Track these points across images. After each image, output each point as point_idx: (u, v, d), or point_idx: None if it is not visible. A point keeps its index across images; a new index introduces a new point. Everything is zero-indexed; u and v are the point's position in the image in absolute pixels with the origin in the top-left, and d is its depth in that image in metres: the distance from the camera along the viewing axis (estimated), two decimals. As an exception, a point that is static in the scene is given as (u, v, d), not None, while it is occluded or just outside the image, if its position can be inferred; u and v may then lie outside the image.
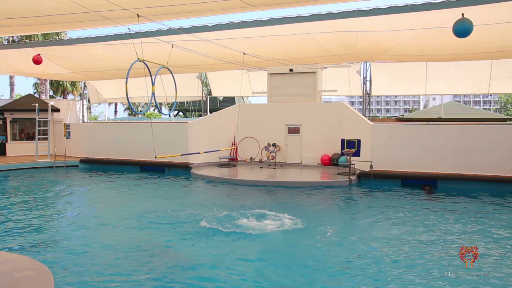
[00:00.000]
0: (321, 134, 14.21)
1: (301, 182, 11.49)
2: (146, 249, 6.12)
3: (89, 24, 9.97)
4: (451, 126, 11.95)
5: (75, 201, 10.03)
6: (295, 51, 13.07)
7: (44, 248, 6.14)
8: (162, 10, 8.36)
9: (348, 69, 18.43)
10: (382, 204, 9.11)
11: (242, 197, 10.11)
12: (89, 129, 17.16)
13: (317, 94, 14.99)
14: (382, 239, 6.53)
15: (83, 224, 7.58)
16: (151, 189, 11.21)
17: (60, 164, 15.28)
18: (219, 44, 11.31)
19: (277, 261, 5.69)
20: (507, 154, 10.68)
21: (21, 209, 8.71)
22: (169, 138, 13.85)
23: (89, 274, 5.14)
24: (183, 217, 7.94)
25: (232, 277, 5.06)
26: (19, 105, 17.40)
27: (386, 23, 9.99)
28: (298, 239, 6.63)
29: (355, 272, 5.28)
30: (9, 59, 14.99)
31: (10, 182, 12.49)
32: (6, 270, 4.18)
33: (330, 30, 10.72)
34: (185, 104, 33.33)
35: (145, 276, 5.07)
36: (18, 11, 8.51)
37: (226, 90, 22.43)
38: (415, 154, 11.54)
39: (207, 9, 8.52)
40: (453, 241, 6.45)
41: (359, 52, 12.59)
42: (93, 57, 14.15)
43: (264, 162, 14.43)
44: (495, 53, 12.03)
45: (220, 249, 6.10)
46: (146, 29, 10.80)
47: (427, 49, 11.94)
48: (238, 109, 15.28)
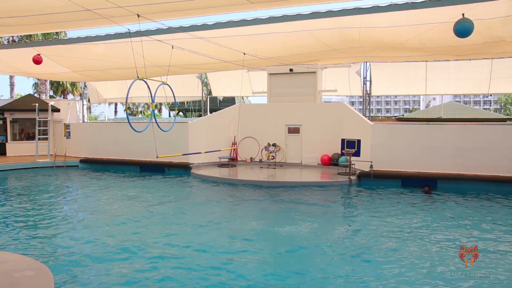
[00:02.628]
0: (321, 134, 14.21)
1: (301, 182, 11.48)
2: (146, 249, 6.11)
3: (89, 24, 9.95)
4: (451, 126, 11.94)
5: (75, 201, 10.03)
6: (295, 47, 13.04)
7: (44, 248, 6.14)
8: (161, 7, 8.34)
9: (348, 69, 18.44)
10: (382, 204, 9.11)
11: (242, 197, 10.10)
12: (89, 129, 17.16)
13: (317, 94, 15.00)
14: (382, 239, 6.53)
15: (83, 224, 7.58)
16: (151, 189, 11.20)
17: (60, 164, 15.28)
18: (219, 43, 11.30)
19: (276, 261, 5.68)
20: (507, 154, 10.67)
21: (21, 209, 8.71)
22: (169, 138, 13.79)
23: (89, 274, 5.14)
24: (183, 218, 7.94)
25: (231, 277, 5.07)
26: (19, 105, 17.40)
27: (388, 19, 9.99)
28: (298, 239, 6.63)
29: (356, 272, 5.28)
30: (9, 59, 14.97)
31: (10, 182, 12.49)
32: (6, 270, 4.18)
33: (331, 26, 10.73)
34: (185, 104, 33.33)
35: (145, 275, 5.07)
36: (18, 10, 8.50)
37: (226, 90, 22.43)
38: (415, 154, 11.54)
39: (208, 6, 8.51)
40: (453, 241, 6.45)
41: (362, 45, 12.52)
42: (93, 56, 14.13)
43: (264, 162, 14.42)
44: (496, 42, 11.91)
45: (220, 249, 6.10)
46: (146, 28, 10.79)
47: (428, 43, 11.87)
48: (238, 109, 15.27)
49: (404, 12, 9.21)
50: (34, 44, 14.03)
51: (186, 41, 11.02)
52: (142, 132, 8.18)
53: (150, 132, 9.12)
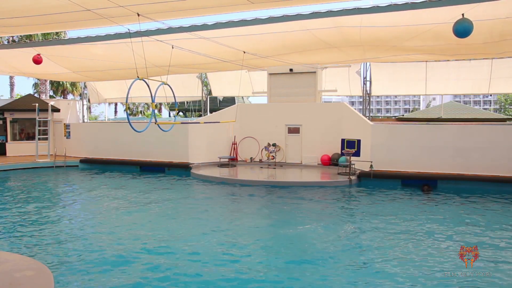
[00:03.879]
0: (321, 134, 14.21)
1: (301, 182, 11.49)
2: (146, 249, 6.11)
3: (89, 24, 9.94)
4: (451, 126, 11.94)
5: (75, 201, 10.03)
6: (295, 46, 13.03)
7: (44, 248, 6.14)
8: (162, 7, 8.33)
9: (348, 69, 18.43)
10: (382, 204, 9.12)
11: (242, 197, 10.10)
12: (89, 129, 17.16)
13: (317, 94, 14.99)
14: (382, 239, 6.53)
15: (83, 224, 7.58)
16: (151, 189, 11.20)
17: (60, 164, 15.28)
18: (219, 42, 11.29)
19: (276, 261, 5.68)
20: (507, 154, 10.67)
21: (21, 209, 8.71)
22: (169, 138, 13.83)
23: (89, 274, 5.14)
24: (183, 218, 7.94)
25: (231, 276, 5.07)
26: (19, 105, 17.40)
27: (388, 19, 9.99)
28: (298, 239, 6.64)
29: (355, 271, 5.28)
30: (9, 59, 14.96)
31: (10, 182, 12.50)
32: (6, 270, 4.18)
33: (331, 25, 10.73)
34: (185, 104, 33.32)
35: (145, 275, 5.07)
36: (18, 10, 8.49)
37: (226, 90, 22.43)
38: (415, 154, 11.54)
39: (208, 6, 8.51)
40: (453, 240, 6.45)
41: (363, 43, 12.52)
42: (93, 56, 14.12)
43: (264, 162, 14.42)
44: (496, 42, 11.89)
45: (219, 246, 6.11)
46: (146, 28, 10.79)
47: (430, 42, 11.86)
48: (238, 109, 15.27)
49: (404, 12, 9.22)
50: (34, 44, 14.02)
51: (186, 41, 11.02)
52: (142, 132, 8.18)
53: (150, 132, 9.11)
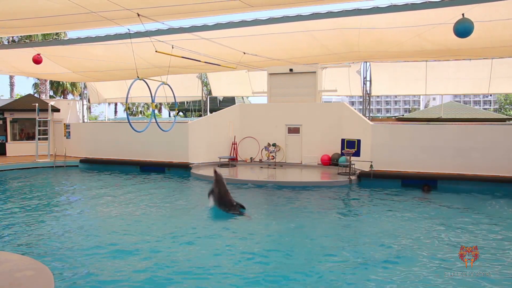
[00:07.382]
0: (321, 134, 14.21)
1: (301, 182, 11.48)
2: (146, 250, 6.11)
3: (89, 25, 9.95)
4: (451, 126, 11.94)
5: (75, 201, 10.03)
6: (295, 49, 13.05)
7: (44, 248, 6.14)
8: (162, 10, 8.36)
9: (348, 69, 18.44)
10: (382, 204, 9.11)
11: (242, 197, 10.10)
12: (89, 129, 17.16)
13: (317, 94, 14.99)
14: (382, 239, 6.53)
15: (84, 224, 7.58)
16: (151, 189, 11.20)
17: (60, 164, 15.28)
18: (219, 43, 11.30)
19: (276, 260, 5.68)
20: (507, 154, 10.67)
21: (21, 209, 8.70)
22: (169, 138, 13.82)
23: (89, 274, 5.14)
24: (183, 217, 7.94)
25: (231, 275, 5.07)
26: (19, 105, 17.40)
27: (387, 20, 10.00)
28: (298, 239, 6.64)
29: (355, 271, 5.28)
30: (9, 59, 14.97)
31: (10, 182, 12.49)
32: (6, 270, 4.18)
33: (331, 27, 10.75)
34: (185, 104, 33.33)
35: (145, 275, 5.07)
36: (18, 12, 8.49)
37: (226, 90, 22.43)
38: (415, 154, 11.53)
39: (208, 9, 8.51)
40: (453, 240, 6.45)
41: (361, 49, 12.55)
42: (93, 57, 14.13)
43: (264, 162, 14.42)
44: (496, 48, 11.92)
45: (219, 246, 6.11)
46: (146, 28, 10.79)
47: (429, 44, 11.88)
48: (238, 109, 15.27)
49: (404, 13, 9.22)
50: (34, 44, 14.03)
51: (186, 42, 11.02)
52: (142, 132, 8.18)
53: (150, 132, 9.11)
